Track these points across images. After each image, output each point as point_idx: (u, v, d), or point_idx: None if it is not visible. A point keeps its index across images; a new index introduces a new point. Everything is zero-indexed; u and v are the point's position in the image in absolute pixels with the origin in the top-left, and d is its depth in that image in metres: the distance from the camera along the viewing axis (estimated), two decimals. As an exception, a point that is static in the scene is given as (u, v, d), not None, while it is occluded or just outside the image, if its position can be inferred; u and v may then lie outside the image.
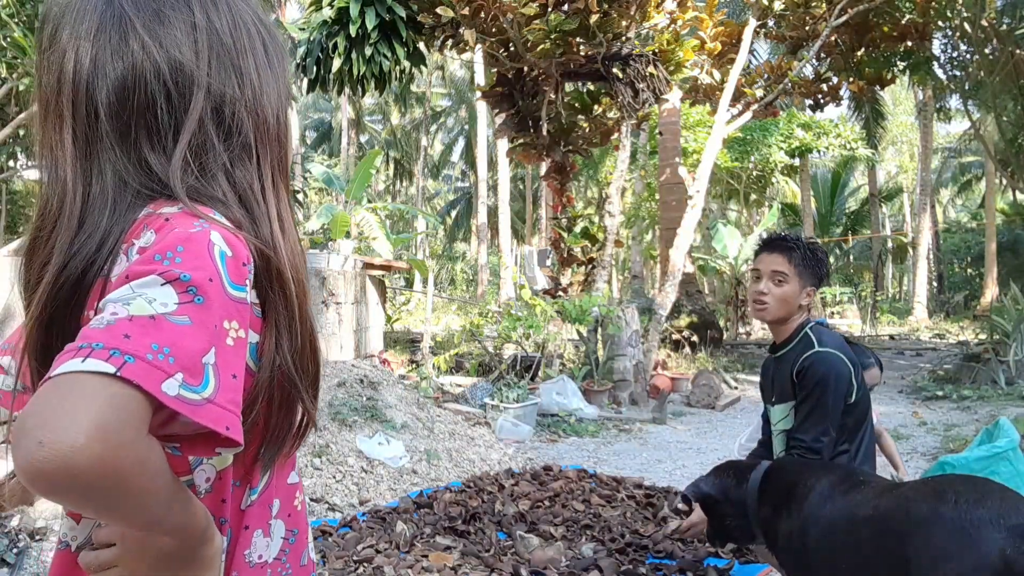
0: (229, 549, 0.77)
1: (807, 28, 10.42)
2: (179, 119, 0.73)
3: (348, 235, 10.50)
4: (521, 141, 9.58)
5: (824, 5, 10.06)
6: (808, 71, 11.70)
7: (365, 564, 2.78)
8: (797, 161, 16.77)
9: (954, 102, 17.72)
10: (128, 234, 0.70)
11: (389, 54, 8.49)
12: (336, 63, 8.46)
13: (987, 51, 12.33)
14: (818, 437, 2.24)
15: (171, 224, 0.68)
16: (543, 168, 11.33)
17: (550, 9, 7.68)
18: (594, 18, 7.59)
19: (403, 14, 8.29)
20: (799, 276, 2.39)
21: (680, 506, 3.40)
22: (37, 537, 2.97)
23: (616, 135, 9.53)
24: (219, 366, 0.62)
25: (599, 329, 7.98)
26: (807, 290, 2.40)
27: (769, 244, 2.47)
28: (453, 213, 33.42)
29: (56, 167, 0.73)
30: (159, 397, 0.57)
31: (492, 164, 25.50)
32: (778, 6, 10.12)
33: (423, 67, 9.67)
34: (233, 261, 0.67)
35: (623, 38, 8.27)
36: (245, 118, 0.77)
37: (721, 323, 12.37)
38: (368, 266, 8.81)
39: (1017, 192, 21.63)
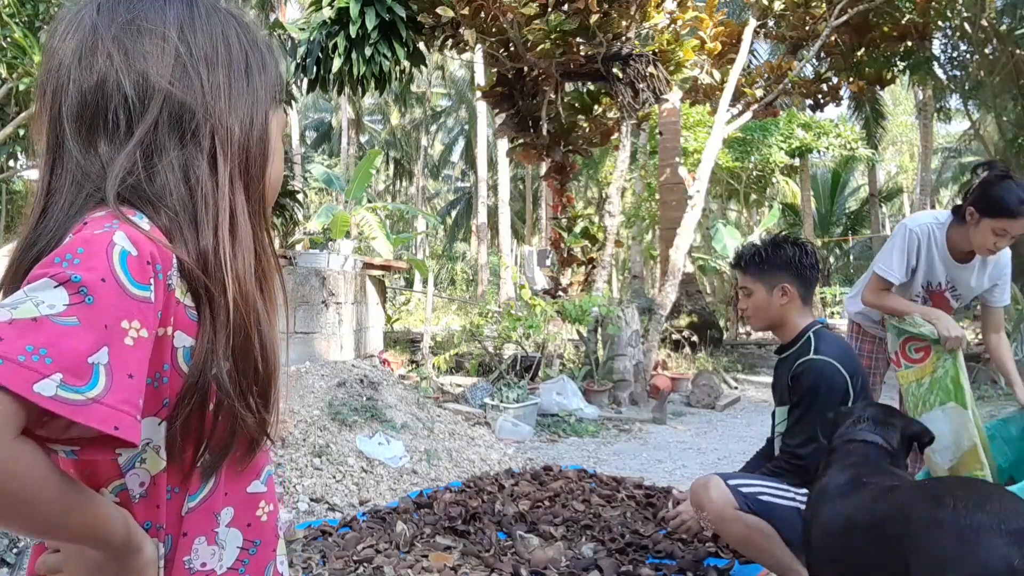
0: (168, 556, 0.77)
1: (807, 28, 10.40)
2: (135, 123, 0.76)
3: (348, 235, 10.49)
4: (521, 141, 9.58)
5: (824, 5, 10.03)
6: (808, 71, 11.68)
7: (365, 564, 2.78)
8: (797, 161, 16.72)
9: (954, 102, 17.67)
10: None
11: (389, 54, 8.48)
12: (336, 63, 8.44)
13: (987, 51, 12.32)
14: (804, 443, 2.27)
15: (85, 227, 0.69)
16: (543, 168, 11.31)
17: (550, 9, 7.67)
18: (594, 18, 7.58)
19: (403, 14, 8.29)
20: (760, 281, 2.43)
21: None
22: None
23: (616, 135, 9.52)
24: (113, 366, 0.62)
25: (599, 329, 7.98)
26: (778, 289, 2.40)
27: (732, 264, 2.59)
28: (453, 213, 33.39)
29: (39, 165, 0.78)
30: (31, 398, 0.57)
31: (492, 164, 25.47)
32: (778, 6, 10.10)
33: (423, 67, 9.66)
34: (136, 260, 0.67)
35: (623, 38, 8.26)
36: (203, 125, 0.79)
37: (721, 323, 12.35)
38: (368, 266, 8.81)
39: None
